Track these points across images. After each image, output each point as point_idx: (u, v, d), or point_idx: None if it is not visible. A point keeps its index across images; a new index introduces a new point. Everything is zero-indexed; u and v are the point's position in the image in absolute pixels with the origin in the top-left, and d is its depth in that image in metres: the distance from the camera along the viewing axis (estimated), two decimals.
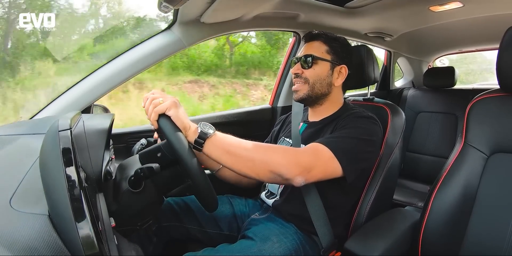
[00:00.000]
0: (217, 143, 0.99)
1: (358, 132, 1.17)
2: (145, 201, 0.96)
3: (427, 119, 2.74)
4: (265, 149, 1.05)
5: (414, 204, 2.27)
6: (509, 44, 1.10)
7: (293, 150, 1.10)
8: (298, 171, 1.02)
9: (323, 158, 1.08)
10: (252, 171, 1.02)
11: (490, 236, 1.07)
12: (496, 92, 1.18)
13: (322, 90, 1.34)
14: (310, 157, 1.07)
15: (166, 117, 0.95)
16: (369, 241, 1.13)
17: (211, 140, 0.99)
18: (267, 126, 2.15)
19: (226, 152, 0.99)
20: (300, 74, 1.34)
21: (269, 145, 1.12)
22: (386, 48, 2.93)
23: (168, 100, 0.96)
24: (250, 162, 1.01)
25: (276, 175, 1.01)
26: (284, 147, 1.12)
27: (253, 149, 1.02)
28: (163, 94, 0.99)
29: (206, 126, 1.00)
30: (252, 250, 1.11)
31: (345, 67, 1.36)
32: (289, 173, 1.01)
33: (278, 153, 1.04)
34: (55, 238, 0.53)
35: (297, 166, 1.03)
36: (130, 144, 1.60)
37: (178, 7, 1.36)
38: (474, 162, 1.15)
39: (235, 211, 1.41)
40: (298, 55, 1.37)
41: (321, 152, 1.09)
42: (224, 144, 1.00)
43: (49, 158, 0.59)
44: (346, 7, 1.94)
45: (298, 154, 1.07)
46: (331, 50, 1.35)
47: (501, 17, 2.00)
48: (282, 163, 1.01)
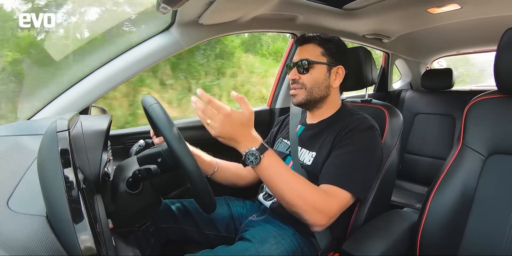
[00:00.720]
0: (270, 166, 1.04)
1: (366, 155, 1.19)
2: (143, 203, 0.95)
3: (425, 121, 2.74)
4: (298, 192, 1.06)
5: (412, 205, 2.27)
6: (506, 45, 1.10)
7: (325, 198, 1.10)
8: (325, 222, 1.09)
9: (344, 203, 1.13)
10: (283, 202, 1.08)
11: (488, 237, 1.07)
12: (493, 94, 1.19)
13: (320, 93, 1.33)
14: (336, 207, 1.10)
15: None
16: (367, 243, 1.13)
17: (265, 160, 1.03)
18: (265, 128, 2.15)
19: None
20: (297, 80, 1.33)
21: (307, 184, 1.10)
22: (384, 49, 2.93)
23: (213, 128, 0.97)
24: (282, 200, 1.07)
25: (299, 217, 1.08)
26: (316, 190, 1.11)
27: (290, 185, 1.05)
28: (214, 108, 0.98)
29: (252, 156, 1.02)
30: (250, 252, 1.11)
31: (342, 68, 1.35)
32: (315, 221, 1.08)
33: (309, 200, 1.06)
34: (53, 239, 0.53)
35: (325, 217, 1.08)
36: (128, 145, 1.60)
37: (177, 8, 1.36)
38: (472, 164, 1.15)
39: (232, 213, 1.41)
40: (293, 60, 1.36)
41: (343, 197, 1.12)
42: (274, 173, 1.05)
43: (47, 159, 0.59)
44: (344, 9, 1.94)
45: (327, 203, 1.09)
46: (326, 51, 1.34)
47: (499, 19, 2.01)
48: (309, 211, 1.06)
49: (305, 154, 1.31)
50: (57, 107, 1.40)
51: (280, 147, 1.44)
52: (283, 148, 1.41)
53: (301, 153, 1.32)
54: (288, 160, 1.36)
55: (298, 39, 1.40)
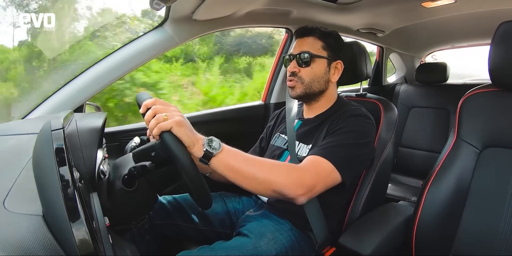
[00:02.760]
0: (222, 161, 0.98)
1: (354, 137, 1.18)
2: (139, 200, 0.95)
3: (420, 114, 2.76)
4: (269, 169, 1.03)
5: (407, 198, 2.29)
6: (500, 39, 1.10)
7: (296, 169, 1.08)
8: (302, 192, 1.03)
9: (324, 173, 1.09)
10: (255, 189, 1.03)
11: (483, 229, 1.08)
12: (487, 87, 1.19)
13: (320, 87, 1.34)
14: (313, 175, 1.07)
15: (169, 133, 0.91)
16: (363, 236, 1.14)
17: (216, 158, 0.97)
18: (260, 123, 2.15)
19: (231, 170, 0.99)
20: (297, 73, 1.32)
21: (274, 163, 1.10)
22: (379, 44, 2.93)
23: (173, 117, 0.91)
24: (254, 181, 1.00)
25: (279, 194, 1.02)
26: (287, 165, 1.11)
27: (257, 168, 1.01)
28: (166, 106, 0.95)
29: (212, 142, 0.97)
30: (247, 247, 1.11)
31: (341, 63, 1.35)
32: (292, 193, 1.02)
33: (281, 173, 1.03)
34: (49, 238, 0.53)
35: (301, 187, 1.03)
36: (123, 143, 1.59)
37: (170, 4, 1.35)
38: (467, 157, 1.16)
39: (228, 208, 1.41)
40: (292, 52, 1.35)
41: (322, 167, 1.10)
42: (229, 162, 0.98)
43: (42, 158, 0.59)
44: (338, 3, 1.94)
45: (301, 173, 1.06)
46: (327, 45, 1.33)
47: (493, 13, 2.01)
48: (285, 183, 1.01)
49: (302, 148, 1.31)
50: (51, 106, 1.39)
51: (277, 142, 1.44)
52: (280, 143, 1.41)
53: (298, 147, 1.33)
54: (285, 154, 1.36)
55: (298, 30, 1.39)
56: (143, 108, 0.95)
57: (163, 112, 0.91)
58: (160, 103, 0.95)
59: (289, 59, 1.35)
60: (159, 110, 0.92)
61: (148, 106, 0.94)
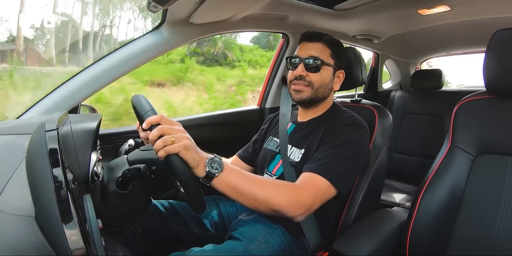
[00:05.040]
0: (223, 181, 0.97)
1: (351, 149, 1.18)
2: (133, 202, 0.95)
3: (415, 121, 2.77)
4: (269, 189, 1.03)
5: (401, 204, 2.30)
6: (495, 47, 1.11)
7: (295, 189, 1.08)
8: (301, 212, 1.04)
9: (321, 191, 1.10)
10: (255, 208, 1.03)
11: (477, 235, 1.08)
12: (482, 94, 1.20)
13: (324, 94, 1.34)
14: (311, 195, 1.08)
15: (175, 156, 0.87)
16: (357, 241, 1.14)
17: (218, 178, 0.95)
18: (255, 127, 2.14)
19: (232, 189, 0.98)
20: (304, 77, 1.31)
21: (273, 182, 1.10)
22: (374, 50, 2.95)
23: (181, 141, 0.87)
24: (254, 201, 1.01)
25: (278, 213, 1.03)
26: (286, 185, 1.10)
27: (258, 188, 1.01)
28: (171, 125, 0.90)
29: (214, 163, 0.95)
30: (238, 250, 1.11)
31: (343, 72, 1.37)
32: (291, 213, 1.03)
33: (280, 193, 1.03)
34: (42, 240, 0.53)
35: (300, 207, 1.04)
36: (117, 145, 1.59)
37: (167, 7, 1.35)
38: (461, 163, 1.16)
39: (221, 212, 1.41)
40: (300, 54, 1.33)
41: (320, 185, 1.10)
42: (230, 182, 0.98)
43: (36, 158, 0.59)
44: (335, 10, 1.94)
45: (300, 194, 1.06)
46: (334, 54, 1.34)
47: (488, 21, 2.03)
48: (284, 204, 1.02)
49: (295, 152, 1.31)
50: (46, 106, 1.39)
51: (270, 145, 1.44)
52: (272, 146, 1.41)
53: (291, 151, 1.32)
54: (277, 158, 1.36)
55: (306, 34, 1.37)
56: (147, 125, 0.89)
57: (170, 133, 0.87)
58: (166, 122, 0.90)
59: (295, 62, 1.34)
60: (166, 132, 0.87)
61: (152, 123, 0.89)
